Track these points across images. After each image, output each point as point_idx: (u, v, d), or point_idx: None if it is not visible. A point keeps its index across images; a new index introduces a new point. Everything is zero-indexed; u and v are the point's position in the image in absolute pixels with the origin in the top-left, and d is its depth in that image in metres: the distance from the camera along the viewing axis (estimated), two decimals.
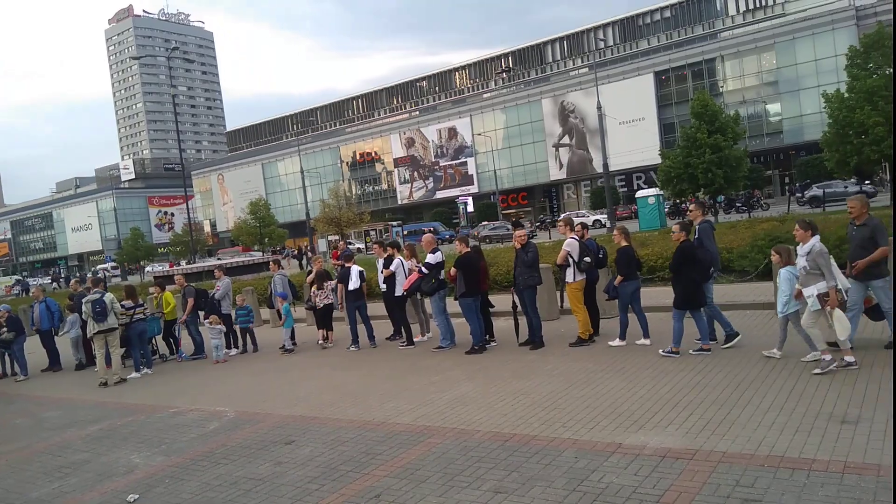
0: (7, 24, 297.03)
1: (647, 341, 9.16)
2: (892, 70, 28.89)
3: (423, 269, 10.69)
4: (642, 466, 5.01)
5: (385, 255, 12.20)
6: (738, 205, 41.67)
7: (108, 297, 11.79)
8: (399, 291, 11.56)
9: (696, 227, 9.01)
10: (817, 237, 7.10)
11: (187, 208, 53.34)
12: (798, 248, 7.28)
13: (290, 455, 6.40)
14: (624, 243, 9.37)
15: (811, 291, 6.90)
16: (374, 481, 5.44)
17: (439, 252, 10.91)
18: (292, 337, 12.83)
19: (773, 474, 4.60)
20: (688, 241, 8.48)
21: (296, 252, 54.93)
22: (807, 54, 57.63)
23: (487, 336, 10.66)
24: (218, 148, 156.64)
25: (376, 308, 13.57)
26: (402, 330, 11.79)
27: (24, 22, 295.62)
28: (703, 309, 8.42)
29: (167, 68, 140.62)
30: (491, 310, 11.00)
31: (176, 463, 6.73)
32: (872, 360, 6.99)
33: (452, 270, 10.37)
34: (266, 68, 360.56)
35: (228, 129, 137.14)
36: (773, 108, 60.95)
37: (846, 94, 29.94)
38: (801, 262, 7.11)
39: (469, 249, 10.48)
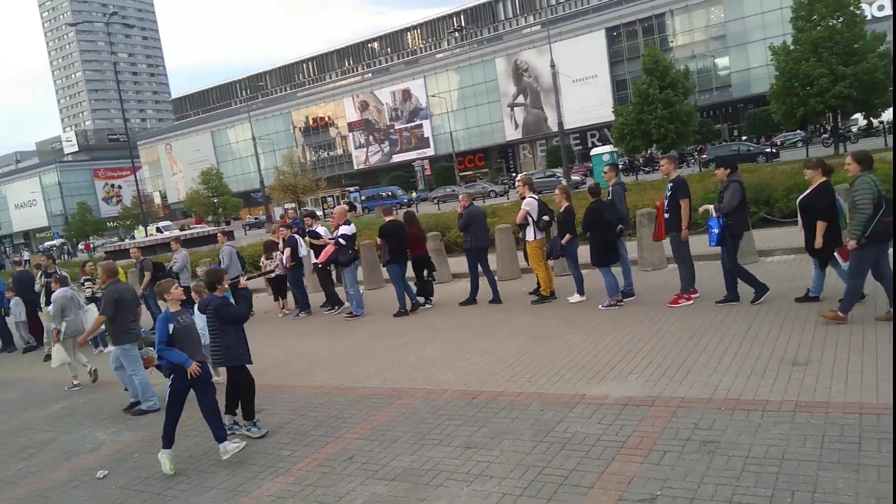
0: None
1: (582, 298, 9.48)
2: (836, 21, 29.54)
3: (340, 240, 10.82)
4: (605, 415, 5.20)
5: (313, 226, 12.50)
6: (688, 158, 42.58)
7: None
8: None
9: (610, 188, 9.46)
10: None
11: (135, 180, 51.86)
12: None
13: (261, 423, 6.41)
14: (566, 203, 9.52)
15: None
16: (346, 444, 5.52)
17: (352, 224, 11.30)
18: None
19: (730, 416, 4.82)
20: (596, 203, 8.91)
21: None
22: (753, 7, 58.34)
23: (423, 299, 10.95)
24: (164, 116, 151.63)
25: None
26: (328, 297, 12.11)
27: None
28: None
29: (106, 34, 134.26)
30: (432, 273, 11.18)
31: (143, 438, 6.69)
32: (818, 307, 7.30)
33: (378, 239, 10.65)
34: (209, 33, 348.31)
35: (174, 96, 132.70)
36: (722, 61, 61.80)
37: (792, 47, 30.54)
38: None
39: (392, 218, 10.80)
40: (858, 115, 39.03)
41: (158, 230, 49.93)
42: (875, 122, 38.07)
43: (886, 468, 3.79)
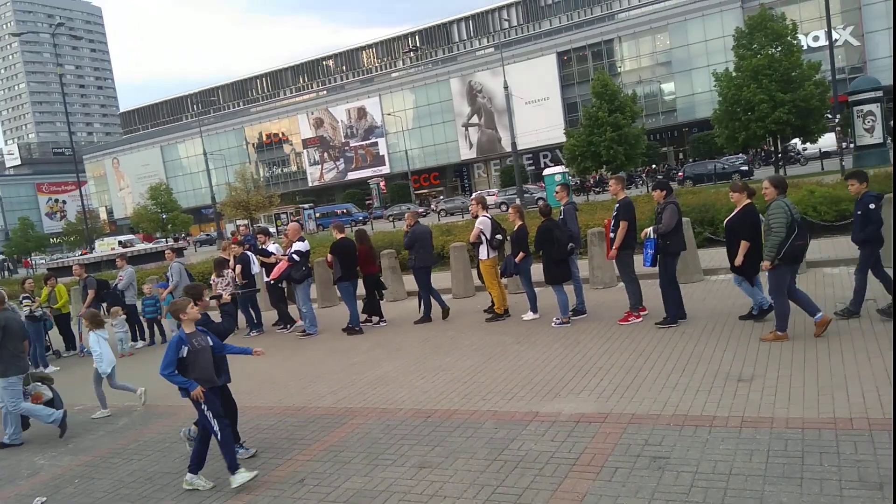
0: None
1: (535, 315, 9.59)
2: (775, 50, 30.82)
3: (294, 256, 10.74)
4: (558, 432, 5.24)
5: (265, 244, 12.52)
6: (636, 179, 43.73)
7: None
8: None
9: (562, 207, 9.64)
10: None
11: (80, 195, 50.38)
12: None
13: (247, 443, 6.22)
14: (519, 222, 9.64)
15: None
16: (298, 466, 5.42)
17: (306, 241, 11.28)
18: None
19: (679, 432, 4.92)
20: (547, 222, 9.05)
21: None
22: (697, 35, 60.46)
23: (376, 318, 10.95)
24: (111, 130, 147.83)
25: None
26: (280, 316, 12.03)
27: None
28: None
29: (52, 45, 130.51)
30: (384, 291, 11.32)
31: (84, 462, 6.44)
32: (762, 326, 7.53)
33: (329, 256, 10.60)
34: (159, 47, 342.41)
35: (122, 109, 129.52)
36: (668, 87, 63.69)
37: (734, 73, 31.75)
38: None
39: (343, 235, 10.79)
40: (796, 140, 40.59)
41: (121, 243, 48.48)
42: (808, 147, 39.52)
43: (828, 481, 3.91)
